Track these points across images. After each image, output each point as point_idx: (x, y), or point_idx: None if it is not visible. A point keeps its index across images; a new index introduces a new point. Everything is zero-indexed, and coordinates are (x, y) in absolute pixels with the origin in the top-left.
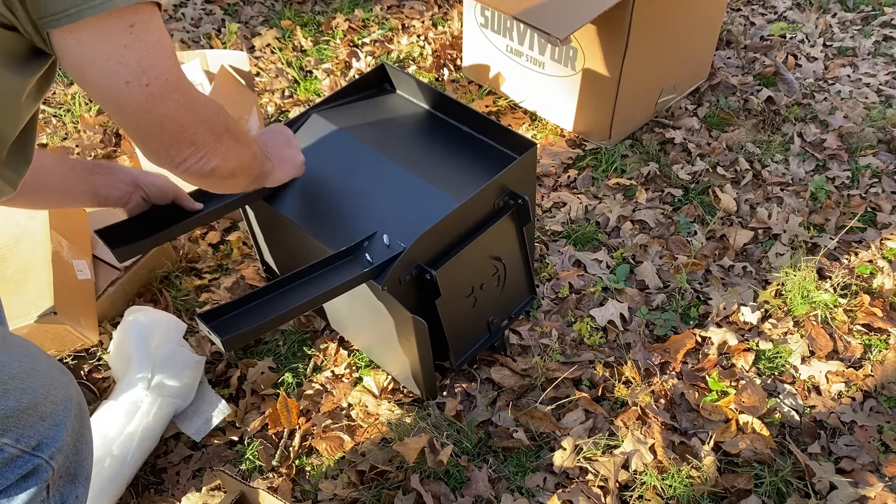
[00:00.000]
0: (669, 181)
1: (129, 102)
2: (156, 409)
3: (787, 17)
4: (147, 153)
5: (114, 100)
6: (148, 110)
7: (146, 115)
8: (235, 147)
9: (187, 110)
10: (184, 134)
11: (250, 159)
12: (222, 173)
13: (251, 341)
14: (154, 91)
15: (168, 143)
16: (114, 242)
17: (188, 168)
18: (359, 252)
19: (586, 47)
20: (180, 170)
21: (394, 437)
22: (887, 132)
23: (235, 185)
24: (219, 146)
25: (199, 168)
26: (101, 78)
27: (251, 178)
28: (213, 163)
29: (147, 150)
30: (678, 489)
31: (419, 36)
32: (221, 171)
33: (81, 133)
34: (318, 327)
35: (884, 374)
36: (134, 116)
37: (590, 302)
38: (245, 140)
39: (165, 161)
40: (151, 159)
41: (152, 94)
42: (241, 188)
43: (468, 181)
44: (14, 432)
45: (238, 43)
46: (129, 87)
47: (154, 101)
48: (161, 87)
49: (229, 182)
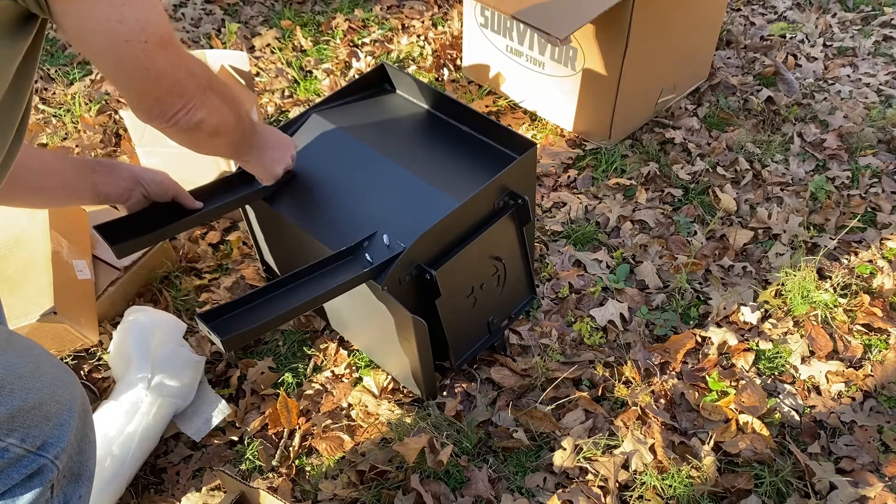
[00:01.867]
0: (669, 181)
1: (129, 60)
2: (156, 409)
3: (787, 17)
4: (140, 110)
5: (113, 59)
6: (147, 67)
7: (145, 71)
8: (220, 103)
9: (180, 64)
10: (176, 87)
11: (234, 121)
12: (207, 128)
13: (251, 341)
14: (151, 47)
15: (162, 98)
16: (113, 239)
17: (178, 121)
18: (359, 252)
19: (586, 47)
20: (170, 123)
21: (394, 437)
22: (887, 132)
23: (219, 145)
24: (205, 99)
25: (187, 120)
26: (100, 38)
27: (234, 142)
28: (200, 115)
29: (141, 106)
30: (678, 489)
31: (419, 36)
32: (207, 126)
33: (81, 133)
34: (318, 327)
35: (884, 374)
36: (133, 73)
37: (590, 302)
38: (230, 100)
39: (158, 116)
40: (143, 116)
41: (149, 50)
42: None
43: (468, 181)
44: (19, 432)
45: (238, 43)
46: (128, 46)
47: (151, 57)
48: (157, 44)
49: (214, 141)
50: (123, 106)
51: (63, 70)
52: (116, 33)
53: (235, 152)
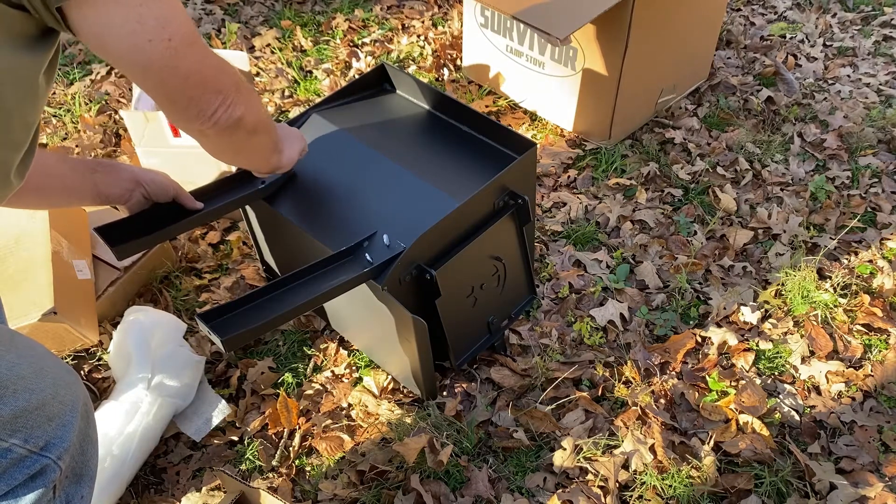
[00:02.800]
0: (669, 181)
1: (155, 60)
2: (156, 409)
3: (787, 17)
4: (176, 113)
5: (139, 61)
6: (175, 65)
7: (173, 70)
8: (253, 97)
9: (208, 61)
10: (209, 84)
11: (267, 116)
12: (247, 126)
13: (251, 341)
14: (176, 45)
15: (197, 97)
16: (113, 240)
17: (218, 119)
18: (359, 252)
19: (586, 47)
20: (211, 122)
21: (394, 437)
22: (887, 132)
23: (259, 145)
24: (240, 95)
25: (227, 117)
26: (122, 42)
27: (271, 140)
28: (240, 111)
29: (176, 109)
30: (678, 489)
31: (419, 36)
32: (246, 123)
33: (81, 133)
34: (318, 327)
35: (884, 374)
36: (161, 73)
37: (590, 302)
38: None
39: (196, 117)
40: (181, 121)
41: (175, 48)
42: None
43: (468, 181)
44: (23, 433)
45: (238, 43)
46: (152, 45)
47: (178, 54)
48: (182, 40)
49: (254, 141)
50: (124, 106)
51: (63, 70)
52: (138, 34)
53: (274, 151)
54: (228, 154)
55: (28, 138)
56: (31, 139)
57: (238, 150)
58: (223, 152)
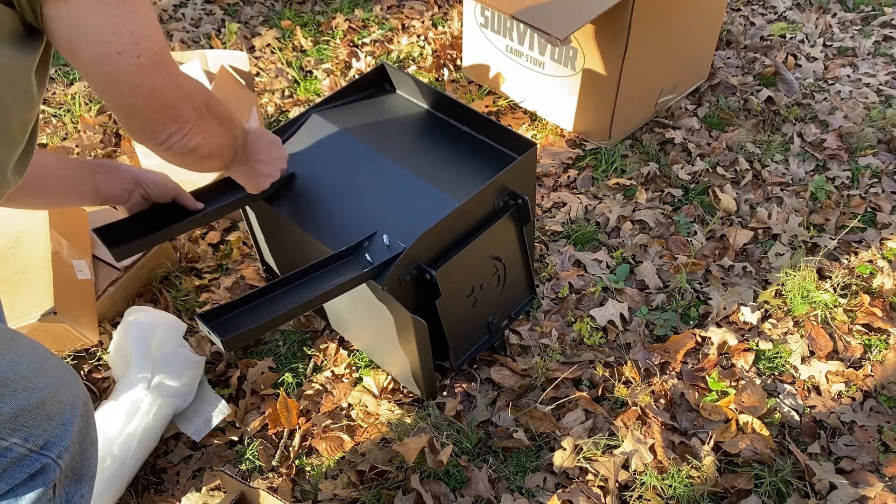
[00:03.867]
0: (669, 181)
1: (120, 74)
2: (156, 409)
3: (787, 17)
4: (131, 129)
5: (104, 72)
6: (137, 83)
7: (135, 87)
8: (216, 127)
9: (174, 85)
10: (169, 109)
11: (230, 142)
12: (202, 152)
13: (251, 341)
14: (144, 63)
15: (154, 118)
16: (112, 241)
17: (171, 145)
18: (359, 252)
19: (586, 47)
20: (163, 147)
21: (394, 437)
22: (887, 132)
23: (211, 166)
24: (201, 124)
25: (181, 146)
26: (92, 48)
27: (226, 161)
28: (195, 141)
29: (132, 125)
30: (678, 489)
31: (419, 36)
32: (201, 151)
33: (81, 133)
34: (318, 327)
35: (884, 374)
36: (123, 89)
37: (590, 302)
38: (226, 120)
39: (149, 137)
40: (135, 136)
41: (142, 65)
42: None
43: (468, 181)
44: (23, 432)
45: (238, 43)
46: (120, 58)
47: (143, 73)
48: (151, 59)
49: (206, 163)
50: None
51: (63, 70)
52: (109, 44)
53: (226, 168)
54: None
55: (24, 137)
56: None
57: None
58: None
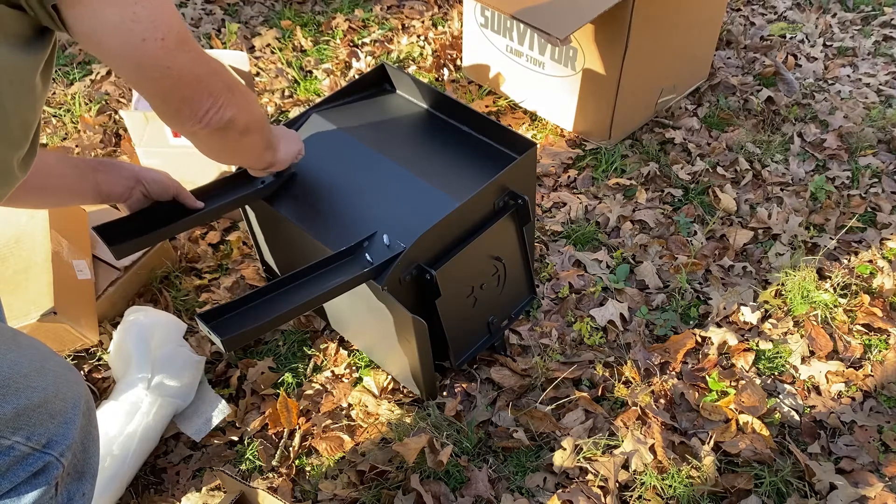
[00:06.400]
0: (669, 181)
1: (148, 59)
2: (156, 409)
3: (787, 17)
4: (168, 113)
5: (133, 60)
6: (167, 65)
7: (166, 70)
8: (245, 99)
9: (201, 61)
10: (201, 84)
11: (260, 117)
12: (239, 126)
13: (251, 341)
14: (170, 44)
15: (189, 97)
16: (112, 239)
17: (209, 120)
18: (359, 252)
19: (586, 47)
20: (202, 123)
21: (394, 437)
22: (887, 132)
23: (251, 144)
24: (231, 97)
25: (219, 118)
26: (116, 40)
27: (264, 139)
28: (231, 112)
29: (168, 109)
30: (678, 489)
31: (419, 36)
32: (238, 124)
33: (81, 133)
34: (318, 327)
35: (884, 374)
36: (154, 72)
37: (590, 302)
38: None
39: (188, 117)
40: (173, 121)
41: (168, 47)
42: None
43: (468, 181)
44: (25, 430)
45: (238, 43)
46: (146, 44)
47: (171, 54)
48: (175, 40)
49: (246, 141)
50: (123, 106)
51: (63, 70)
52: (132, 33)
53: (266, 150)
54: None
55: (28, 137)
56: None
57: (230, 150)
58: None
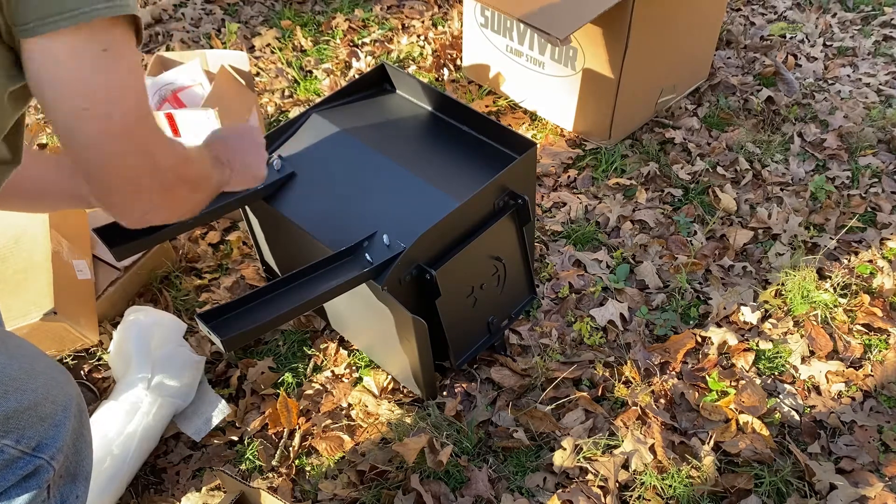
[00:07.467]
0: (669, 181)
1: (82, 131)
2: (156, 409)
3: (787, 17)
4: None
5: (66, 125)
6: (98, 145)
7: (95, 149)
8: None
9: (144, 154)
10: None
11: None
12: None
13: (251, 341)
14: (114, 126)
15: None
16: (112, 241)
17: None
18: (359, 252)
19: (586, 47)
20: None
21: (394, 437)
22: (887, 132)
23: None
24: (165, 200)
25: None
26: (59, 97)
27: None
28: (163, 216)
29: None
30: (678, 489)
31: (419, 36)
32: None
33: None
34: (318, 327)
35: (884, 374)
36: (84, 149)
37: (590, 302)
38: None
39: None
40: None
41: (109, 128)
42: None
43: (468, 181)
44: (15, 433)
45: (238, 43)
46: (85, 115)
47: (110, 136)
48: (122, 123)
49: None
50: None
51: None
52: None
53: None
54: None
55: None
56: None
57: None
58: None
